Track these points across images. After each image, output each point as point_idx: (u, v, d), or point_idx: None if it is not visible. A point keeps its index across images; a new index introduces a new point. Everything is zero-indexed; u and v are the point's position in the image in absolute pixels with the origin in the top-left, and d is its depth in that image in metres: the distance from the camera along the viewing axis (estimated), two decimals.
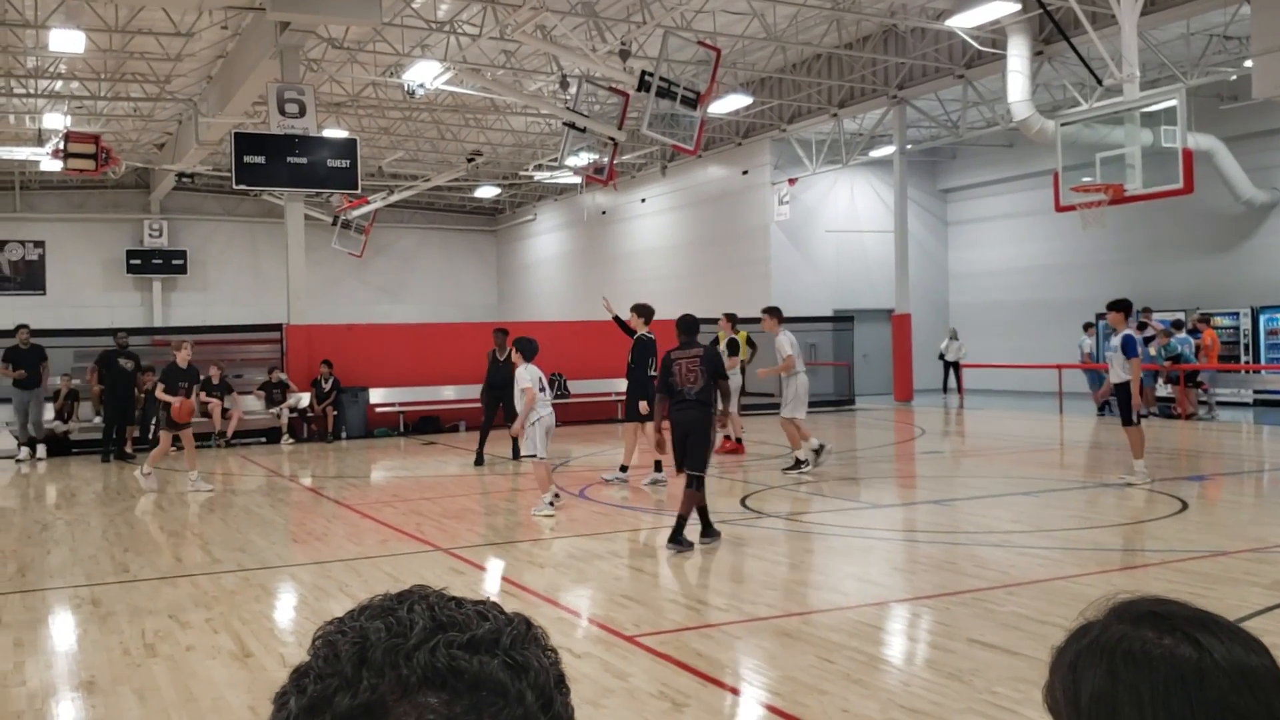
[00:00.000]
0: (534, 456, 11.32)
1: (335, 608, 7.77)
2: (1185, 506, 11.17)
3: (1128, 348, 12.51)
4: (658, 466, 13.49)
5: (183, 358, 14.19)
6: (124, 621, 7.37)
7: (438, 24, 23.12)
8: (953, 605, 7.34)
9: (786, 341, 14.31)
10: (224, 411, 19.98)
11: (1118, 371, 12.72)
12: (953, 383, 28.51)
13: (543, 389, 11.24)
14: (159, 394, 14.20)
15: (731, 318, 17.19)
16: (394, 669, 0.89)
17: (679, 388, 9.47)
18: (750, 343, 20.35)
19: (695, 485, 9.34)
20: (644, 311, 13.80)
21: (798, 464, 14.40)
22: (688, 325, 9.87)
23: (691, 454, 9.39)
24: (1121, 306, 12.76)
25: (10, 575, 9.10)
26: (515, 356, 11.44)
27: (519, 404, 11.22)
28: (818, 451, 14.55)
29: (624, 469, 13.85)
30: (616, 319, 14.53)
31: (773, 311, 14.60)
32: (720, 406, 9.91)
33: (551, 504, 11.29)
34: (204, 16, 22.21)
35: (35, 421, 18.53)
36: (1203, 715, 0.96)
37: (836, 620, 7.02)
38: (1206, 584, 7.70)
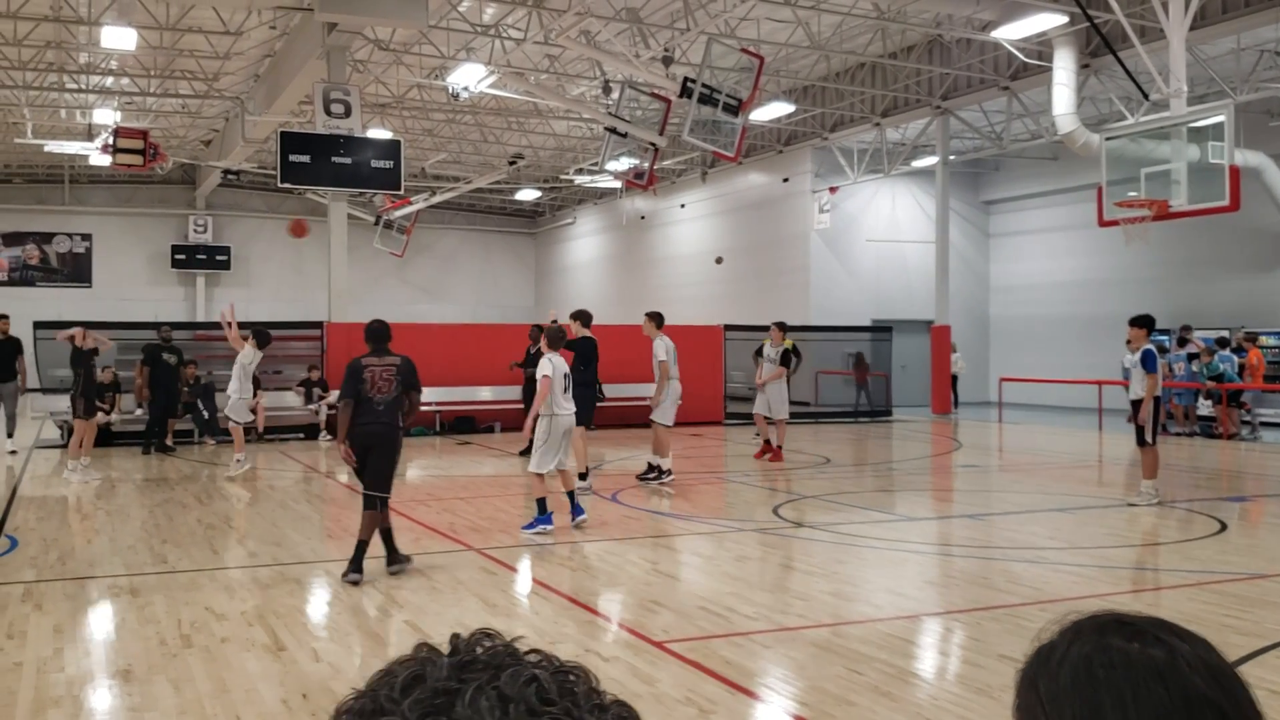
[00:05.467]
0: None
1: (368, 603, 7.85)
2: (1224, 527, 11.06)
3: (1147, 363, 12.33)
4: (583, 476, 13.52)
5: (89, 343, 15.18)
6: (161, 612, 7.48)
7: (483, 28, 23.25)
8: (984, 620, 7.32)
9: (663, 348, 14.40)
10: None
11: (1136, 388, 12.60)
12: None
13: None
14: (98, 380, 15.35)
15: (782, 326, 17.30)
16: None
17: (367, 396, 8.76)
18: (795, 351, 20.34)
19: (379, 506, 8.74)
20: (581, 316, 14.17)
21: (658, 472, 14.31)
22: (377, 333, 9.01)
23: (373, 471, 8.74)
24: (1144, 322, 12.50)
25: (51, 563, 9.25)
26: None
27: None
28: (663, 471, 14.42)
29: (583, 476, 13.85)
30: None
31: (653, 316, 14.65)
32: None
33: None
34: (253, 16, 22.47)
35: (10, 414, 18.15)
36: (1180, 705, 1.02)
37: (867, 632, 7.00)
38: (1243, 606, 7.63)
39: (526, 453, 17.41)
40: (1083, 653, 1.10)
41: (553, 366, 10.73)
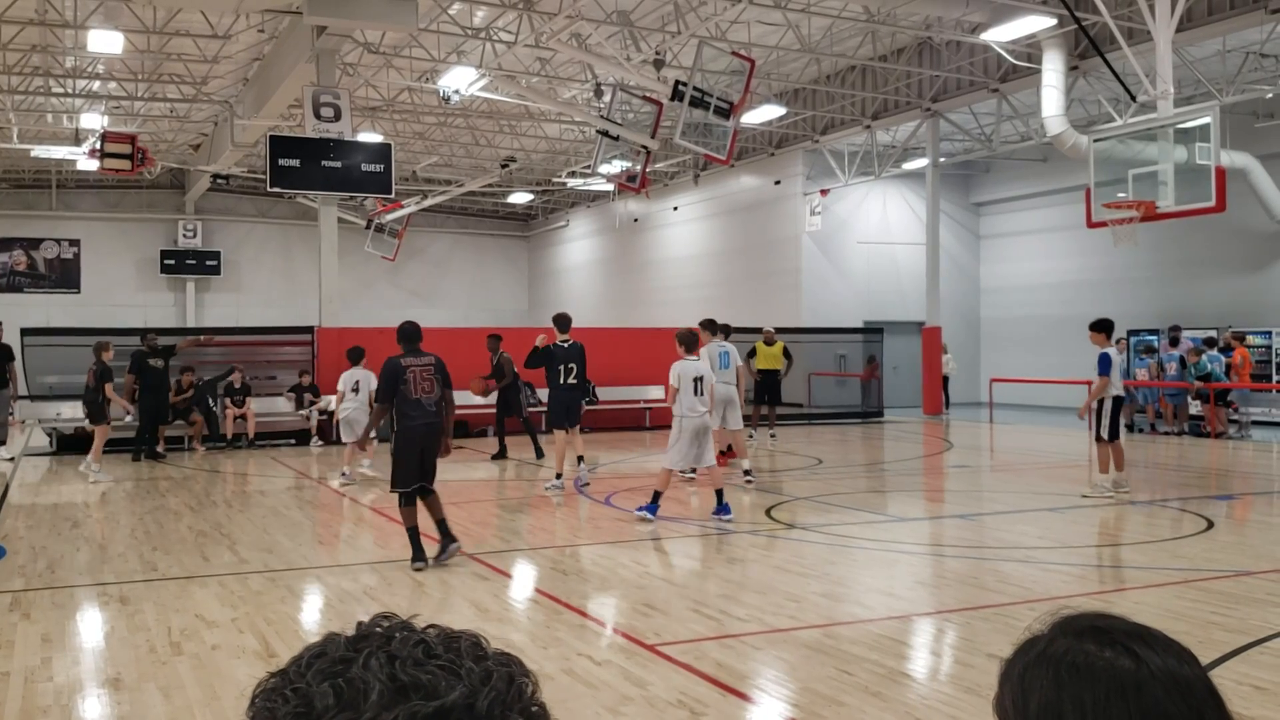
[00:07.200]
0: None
1: (359, 610, 7.84)
2: (1211, 525, 11.10)
3: (1100, 364, 12.91)
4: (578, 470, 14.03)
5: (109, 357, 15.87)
6: (151, 619, 7.46)
7: (473, 30, 23.25)
8: (974, 620, 7.34)
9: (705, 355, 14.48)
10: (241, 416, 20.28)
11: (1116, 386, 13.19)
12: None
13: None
14: (110, 392, 15.66)
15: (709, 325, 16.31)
16: None
17: (413, 396, 9.30)
18: (787, 354, 20.34)
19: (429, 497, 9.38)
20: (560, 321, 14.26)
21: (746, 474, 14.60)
22: (410, 334, 9.61)
23: (431, 467, 9.47)
24: (1102, 327, 13.16)
25: (40, 571, 9.22)
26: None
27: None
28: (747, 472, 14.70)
29: (559, 476, 14.06)
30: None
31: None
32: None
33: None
34: (241, 19, 22.44)
35: (1, 422, 18.24)
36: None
37: (857, 633, 7.02)
38: (1228, 604, 7.66)
39: (496, 457, 17.46)
40: (1056, 653, 1.12)
41: (676, 372, 11.34)
